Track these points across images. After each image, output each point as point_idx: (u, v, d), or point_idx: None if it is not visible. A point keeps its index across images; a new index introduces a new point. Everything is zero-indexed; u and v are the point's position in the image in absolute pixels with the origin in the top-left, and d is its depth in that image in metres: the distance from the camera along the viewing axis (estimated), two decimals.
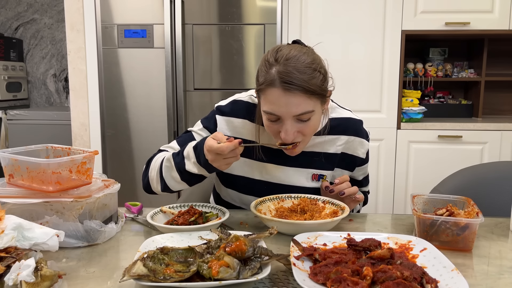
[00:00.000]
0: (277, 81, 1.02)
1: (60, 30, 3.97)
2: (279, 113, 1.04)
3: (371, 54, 2.69)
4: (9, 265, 0.72)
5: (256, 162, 1.23)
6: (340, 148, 1.25)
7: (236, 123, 1.22)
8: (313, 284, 0.72)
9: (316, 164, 1.24)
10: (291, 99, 1.02)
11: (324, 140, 1.23)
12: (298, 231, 0.93)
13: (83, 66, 2.71)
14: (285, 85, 1.01)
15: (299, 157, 1.19)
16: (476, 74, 3.03)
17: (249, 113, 1.22)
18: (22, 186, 0.98)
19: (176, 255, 0.81)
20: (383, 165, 2.76)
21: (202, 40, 2.63)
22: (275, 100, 1.03)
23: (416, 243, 0.88)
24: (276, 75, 1.02)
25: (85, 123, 2.76)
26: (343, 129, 1.24)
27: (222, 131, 1.22)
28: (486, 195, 1.37)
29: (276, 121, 1.07)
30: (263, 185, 1.24)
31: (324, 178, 1.24)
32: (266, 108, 1.05)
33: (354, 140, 1.25)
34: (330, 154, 1.24)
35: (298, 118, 1.05)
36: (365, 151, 1.27)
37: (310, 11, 2.68)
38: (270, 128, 1.10)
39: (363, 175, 1.35)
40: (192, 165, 1.08)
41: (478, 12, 2.65)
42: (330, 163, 1.25)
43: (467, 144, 2.71)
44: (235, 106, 1.23)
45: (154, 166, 1.18)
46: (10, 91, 3.76)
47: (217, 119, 1.23)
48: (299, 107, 1.02)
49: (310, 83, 1.02)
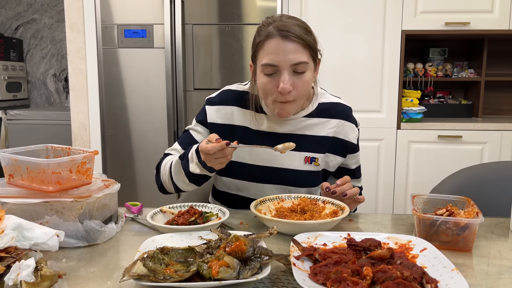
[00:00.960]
0: (275, 33, 1.10)
1: (60, 30, 3.97)
2: (278, 62, 1.10)
3: (371, 54, 2.69)
4: (9, 265, 0.72)
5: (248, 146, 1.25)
6: (331, 132, 1.28)
7: (226, 111, 1.27)
8: (313, 284, 0.72)
9: (308, 147, 1.26)
10: (288, 46, 1.09)
11: (315, 123, 1.27)
12: (298, 231, 0.93)
13: (83, 66, 2.71)
14: (283, 33, 1.09)
15: (291, 141, 1.21)
16: (476, 74, 3.03)
17: (238, 100, 1.28)
18: (22, 186, 0.98)
19: (176, 255, 0.81)
20: (383, 165, 2.76)
21: (202, 40, 2.63)
22: (274, 49, 1.10)
23: (416, 243, 0.88)
24: (274, 28, 1.11)
25: (85, 123, 2.76)
26: (333, 112, 1.28)
27: (212, 119, 1.27)
28: (486, 195, 1.37)
29: (273, 75, 1.13)
30: (256, 169, 1.26)
31: (316, 161, 1.27)
32: (265, 60, 1.12)
33: (345, 124, 1.29)
34: (321, 137, 1.27)
35: (294, 70, 1.12)
36: (356, 137, 1.31)
37: (310, 11, 2.68)
38: (267, 86, 1.14)
39: (356, 164, 1.36)
40: (195, 166, 1.12)
41: (478, 12, 2.65)
42: (322, 146, 1.27)
43: (467, 144, 2.71)
44: (224, 95, 1.29)
45: (165, 171, 1.24)
46: (10, 91, 3.76)
47: (206, 109, 1.29)
48: (296, 55, 1.10)
49: (305, 36, 1.11)
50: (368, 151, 2.73)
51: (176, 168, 1.19)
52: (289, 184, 1.27)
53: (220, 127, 1.27)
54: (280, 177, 1.26)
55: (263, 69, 1.14)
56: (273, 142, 1.22)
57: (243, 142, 1.23)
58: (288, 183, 1.27)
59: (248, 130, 1.27)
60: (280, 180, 1.27)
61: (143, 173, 2.75)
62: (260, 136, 1.26)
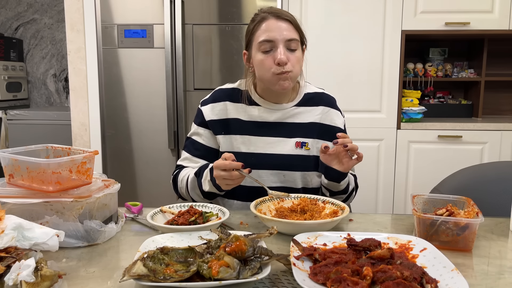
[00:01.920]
0: (269, 15, 1.25)
1: (60, 30, 3.97)
2: (274, 38, 1.22)
3: (371, 54, 2.69)
4: (9, 265, 0.72)
5: (242, 137, 1.34)
6: (317, 118, 1.36)
7: (219, 107, 1.36)
8: (313, 284, 0.72)
9: (297, 133, 1.35)
10: (282, 25, 1.24)
11: (302, 111, 1.36)
12: (298, 231, 0.93)
13: (83, 66, 2.71)
14: (277, 14, 1.25)
15: (281, 129, 1.34)
16: (476, 74, 3.03)
17: (229, 95, 1.37)
18: (22, 186, 0.98)
19: (176, 255, 0.81)
20: (383, 165, 2.76)
21: (202, 40, 2.63)
22: (270, 27, 1.23)
23: (416, 243, 0.88)
24: (268, 13, 1.26)
25: (85, 123, 2.76)
26: (317, 101, 1.38)
27: (209, 117, 1.35)
28: (486, 195, 1.37)
29: (270, 52, 1.24)
30: (250, 157, 1.33)
31: (307, 145, 1.34)
32: (262, 37, 1.23)
33: (330, 110, 1.38)
34: (309, 123, 1.36)
35: (288, 47, 1.24)
36: (342, 123, 1.40)
37: (310, 11, 2.68)
38: (265, 61, 1.24)
39: None
40: (206, 183, 1.23)
41: (478, 12, 2.65)
42: (311, 132, 1.35)
43: (467, 144, 2.71)
44: (216, 93, 1.39)
45: (182, 185, 1.35)
46: (10, 91, 3.76)
47: (202, 110, 1.37)
48: (289, 32, 1.24)
49: (295, 19, 1.27)
50: (368, 151, 2.73)
51: (192, 184, 1.30)
52: (283, 169, 1.33)
53: (217, 122, 1.35)
54: (274, 162, 1.33)
55: (260, 46, 1.24)
56: (266, 130, 1.34)
57: (237, 133, 1.33)
58: (282, 168, 1.33)
59: (241, 122, 1.35)
60: (274, 165, 1.33)
61: (143, 173, 2.75)
62: (252, 126, 1.34)
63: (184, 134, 2.68)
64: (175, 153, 2.72)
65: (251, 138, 1.33)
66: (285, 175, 1.33)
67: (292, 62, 1.24)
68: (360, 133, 2.71)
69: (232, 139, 1.34)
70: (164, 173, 2.72)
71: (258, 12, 1.29)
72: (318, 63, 2.70)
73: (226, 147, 1.35)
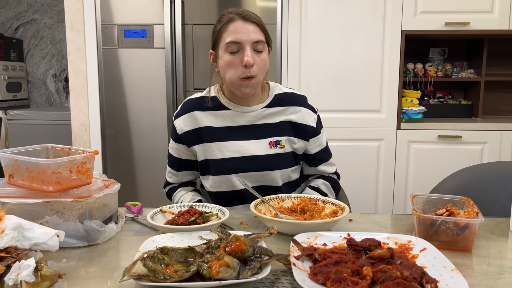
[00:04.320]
0: (236, 17, 1.26)
1: (60, 30, 3.97)
2: (241, 39, 1.23)
3: (371, 54, 2.69)
4: (9, 265, 0.72)
5: (216, 144, 1.35)
6: (288, 117, 1.37)
7: (190, 117, 1.37)
8: (313, 284, 0.72)
9: (270, 133, 1.36)
10: (249, 27, 1.25)
11: (273, 112, 1.37)
12: (298, 231, 0.93)
13: (83, 66, 2.71)
14: (244, 16, 1.26)
15: (253, 131, 1.35)
16: (476, 74, 3.03)
17: (197, 105, 1.39)
18: (22, 186, 0.98)
19: (176, 255, 0.81)
20: (383, 165, 2.76)
21: (202, 40, 2.63)
22: (237, 29, 1.24)
23: (416, 243, 0.88)
24: (235, 14, 1.26)
25: (85, 123, 2.76)
26: (288, 100, 1.38)
27: (181, 130, 1.36)
28: (486, 195, 1.37)
29: (236, 53, 1.25)
30: (227, 162, 1.34)
31: (281, 143, 1.35)
32: (230, 39, 1.24)
33: (301, 110, 1.38)
34: (280, 122, 1.36)
35: (255, 49, 1.25)
36: (315, 121, 1.40)
37: (310, 11, 2.68)
38: (232, 64, 1.25)
39: (319, 146, 1.42)
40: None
41: (478, 12, 2.65)
42: (282, 130, 1.36)
43: (467, 144, 2.71)
44: (185, 105, 1.41)
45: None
46: (10, 91, 3.76)
47: (175, 124, 1.39)
48: (256, 34, 1.25)
49: (261, 21, 1.29)
50: (368, 151, 2.73)
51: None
52: (261, 170, 1.34)
53: (189, 133, 1.36)
54: (251, 165, 1.34)
55: (227, 47, 1.25)
56: (238, 134, 1.34)
57: (211, 140, 1.35)
58: (260, 169, 1.34)
59: (212, 129, 1.35)
60: (252, 167, 1.34)
61: (143, 173, 2.75)
62: (224, 131, 1.35)
63: None
64: None
65: (225, 144, 1.34)
66: (264, 175, 1.34)
67: (258, 66, 1.25)
68: (360, 133, 2.71)
69: (207, 147, 1.35)
70: (164, 173, 2.72)
71: (225, 13, 1.29)
72: (318, 63, 2.70)
73: (202, 155, 1.36)
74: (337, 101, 2.71)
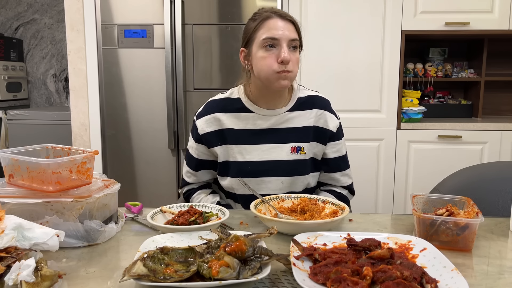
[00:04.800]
0: (273, 14, 1.27)
1: (60, 30, 3.97)
2: (278, 36, 1.24)
3: (371, 54, 2.69)
4: (9, 265, 0.72)
5: (237, 146, 1.34)
6: (311, 121, 1.36)
7: (213, 118, 1.36)
8: (313, 284, 0.72)
9: (292, 138, 1.35)
10: (286, 25, 1.26)
11: (296, 115, 1.36)
12: (298, 231, 0.93)
13: (83, 66, 2.71)
14: (281, 14, 1.27)
15: (275, 135, 1.34)
16: (476, 74, 3.03)
17: (221, 106, 1.37)
18: (22, 186, 0.98)
19: (176, 255, 0.81)
20: (383, 165, 2.76)
21: (202, 40, 2.63)
22: (274, 26, 1.25)
23: (416, 243, 0.88)
24: (271, 12, 1.27)
25: (85, 123, 2.76)
26: (311, 104, 1.38)
27: (203, 131, 1.36)
28: (486, 195, 1.37)
29: (272, 50, 1.25)
30: (247, 165, 1.34)
31: (302, 150, 1.35)
32: (267, 35, 1.24)
33: (323, 113, 1.37)
34: (304, 127, 1.36)
35: (290, 45, 1.25)
36: (335, 126, 1.38)
37: (310, 11, 2.68)
38: (268, 59, 1.24)
39: (337, 153, 1.40)
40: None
41: (478, 12, 2.65)
42: (305, 136, 1.36)
43: (467, 144, 2.71)
44: (209, 105, 1.39)
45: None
46: (10, 91, 3.76)
47: (197, 124, 1.37)
48: (292, 32, 1.26)
49: (297, 23, 1.30)
50: (368, 151, 2.73)
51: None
52: (281, 175, 1.34)
53: (211, 134, 1.36)
54: (271, 169, 1.34)
55: (263, 43, 1.25)
56: (260, 137, 1.34)
57: (232, 142, 1.34)
58: (279, 174, 1.34)
59: (235, 131, 1.35)
60: (271, 172, 1.34)
61: (143, 173, 2.75)
62: (247, 134, 1.34)
63: (184, 134, 2.68)
64: (175, 153, 2.72)
65: (246, 147, 1.34)
66: (283, 181, 1.34)
67: (293, 62, 1.25)
68: (360, 133, 2.71)
69: (228, 148, 1.35)
70: (164, 173, 2.72)
71: (260, 12, 1.30)
72: (318, 63, 2.70)
73: (223, 157, 1.36)
74: (337, 101, 2.68)
